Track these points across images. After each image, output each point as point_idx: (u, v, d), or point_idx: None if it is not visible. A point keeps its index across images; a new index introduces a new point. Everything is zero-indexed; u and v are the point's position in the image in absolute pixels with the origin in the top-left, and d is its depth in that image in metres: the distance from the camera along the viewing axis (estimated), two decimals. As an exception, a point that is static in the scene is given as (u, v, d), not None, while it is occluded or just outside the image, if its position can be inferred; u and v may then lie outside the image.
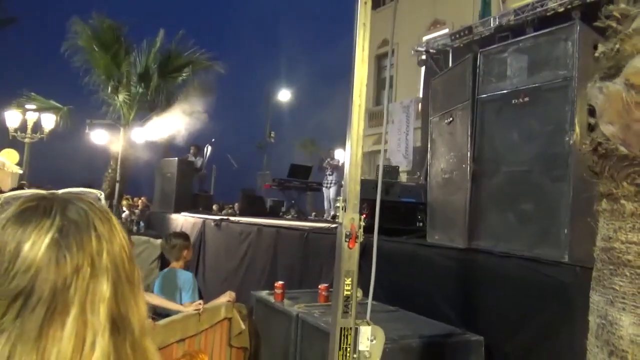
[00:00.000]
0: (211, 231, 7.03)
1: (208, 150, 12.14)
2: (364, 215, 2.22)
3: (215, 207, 12.99)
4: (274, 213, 10.54)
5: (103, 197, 0.68)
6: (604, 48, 1.40)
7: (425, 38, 12.71)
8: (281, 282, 3.60)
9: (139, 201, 14.98)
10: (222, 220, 6.94)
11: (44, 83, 17.57)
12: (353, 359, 2.13)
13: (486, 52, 3.36)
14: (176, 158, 10.41)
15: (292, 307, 3.28)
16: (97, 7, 14.71)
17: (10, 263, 0.59)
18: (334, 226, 4.59)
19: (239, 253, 6.11)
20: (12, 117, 13.24)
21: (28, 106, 13.91)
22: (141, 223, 11.03)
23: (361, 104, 2.17)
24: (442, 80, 4.21)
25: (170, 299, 3.68)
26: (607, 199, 1.34)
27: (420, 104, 12.55)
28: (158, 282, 3.91)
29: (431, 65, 9.75)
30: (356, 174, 2.17)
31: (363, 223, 2.16)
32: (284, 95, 25.68)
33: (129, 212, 12.46)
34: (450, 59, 9.34)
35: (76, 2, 19.80)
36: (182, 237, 4.23)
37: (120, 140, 12.65)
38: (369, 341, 2.15)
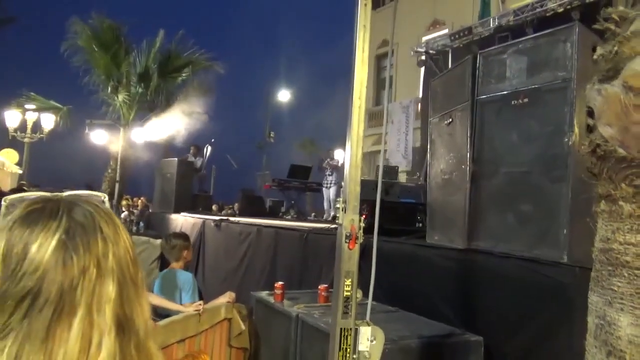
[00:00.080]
0: (211, 231, 7.03)
1: (208, 150, 12.14)
2: (364, 216, 2.22)
3: (214, 208, 13.00)
4: (274, 213, 10.55)
5: (107, 200, 0.69)
6: (603, 50, 1.40)
7: (424, 38, 12.72)
8: (281, 283, 3.60)
9: (139, 201, 14.98)
10: (222, 220, 6.94)
11: (44, 83, 17.58)
12: None
13: (486, 53, 3.37)
14: (176, 158, 10.40)
15: (292, 308, 3.28)
16: (97, 7, 14.74)
17: (17, 264, 0.60)
18: (334, 227, 4.60)
19: (239, 253, 6.11)
20: (12, 117, 13.23)
21: (28, 106, 13.90)
22: (141, 223, 11.02)
23: (361, 105, 2.18)
24: (442, 81, 4.22)
25: (169, 300, 3.69)
26: (606, 200, 1.35)
27: (419, 104, 12.55)
28: (158, 283, 3.91)
29: (430, 65, 9.75)
30: (356, 175, 2.18)
31: (363, 224, 2.16)
32: (284, 95, 25.69)
33: (128, 213, 12.46)
34: (449, 60, 9.33)
35: (76, 2, 19.83)
36: (182, 238, 4.23)
37: (119, 140, 12.65)
38: (369, 342, 2.15)
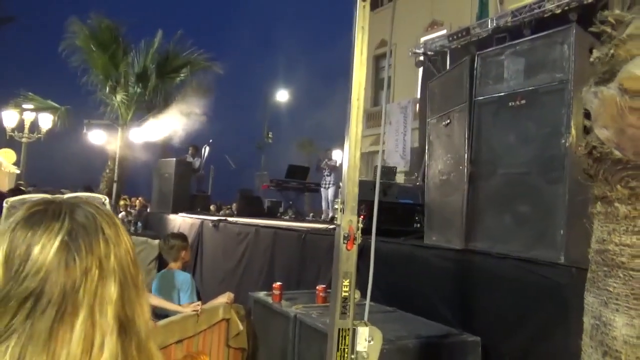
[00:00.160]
0: (209, 232, 7.03)
1: (206, 150, 12.14)
2: (362, 216, 2.23)
3: (213, 208, 12.99)
4: (272, 214, 10.55)
5: (107, 202, 0.69)
6: (599, 53, 1.42)
7: (423, 39, 12.73)
8: (279, 283, 3.60)
9: (137, 201, 14.96)
10: (220, 220, 6.94)
11: (42, 83, 17.53)
12: (351, 360, 2.14)
13: (483, 55, 3.38)
14: (174, 158, 10.38)
15: (290, 308, 3.29)
16: (96, 7, 14.72)
17: (20, 266, 0.60)
18: (332, 227, 4.60)
19: (237, 254, 6.11)
20: (10, 117, 13.20)
21: (25, 106, 13.87)
22: (139, 223, 11.00)
23: (359, 107, 2.18)
24: (440, 82, 4.23)
25: (167, 300, 3.69)
26: (602, 202, 1.36)
27: (418, 105, 12.57)
28: (155, 283, 3.91)
29: (429, 66, 9.76)
30: (354, 176, 2.19)
31: (361, 225, 2.17)
32: (282, 95, 25.68)
33: (125, 213, 12.42)
34: (447, 60, 9.35)
35: (75, 2, 19.80)
36: (180, 238, 4.23)
37: (117, 140, 12.64)
38: (367, 342, 2.16)
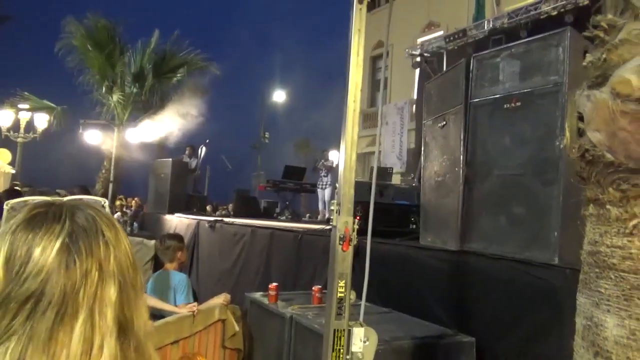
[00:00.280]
0: (205, 232, 7.02)
1: (202, 151, 12.13)
2: (358, 217, 2.24)
3: (209, 208, 12.97)
4: (268, 214, 10.55)
5: (107, 205, 0.70)
6: (592, 57, 1.43)
7: (419, 40, 12.76)
8: (275, 284, 3.61)
9: (133, 202, 14.93)
10: (216, 221, 6.94)
11: (38, 82, 17.44)
12: (346, 360, 2.16)
13: (479, 57, 3.40)
14: (170, 159, 10.37)
15: (286, 309, 3.29)
16: (93, 7, 14.68)
17: (21, 267, 0.61)
18: (328, 228, 4.61)
19: (233, 254, 6.12)
20: (5, 117, 13.14)
21: (21, 105, 13.81)
22: (135, 224, 10.99)
23: (355, 109, 2.20)
24: (436, 84, 4.25)
25: (163, 301, 3.69)
26: (594, 204, 1.38)
27: (414, 106, 12.60)
28: (150, 284, 3.91)
29: (425, 67, 9.79)
30: (350, 178, 2.20)
31: (357, 226, 2.18)
32: (279, 96, 25.70)
33: (121, 213, 12.39)
34: (444, 62, 9.37)
35: (71, 2, 19.73)
36: (177, 239, 4.24)
37: (114, 140, 12.61)
38: (362, 342, 2.17)
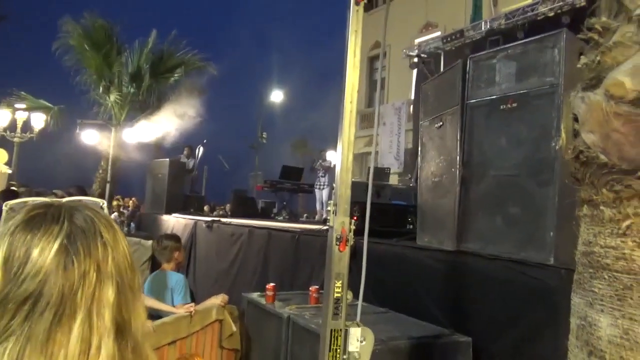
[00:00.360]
0: (202, 232, 7.02)
1: (200, 151, 12.12)
2: (354, 218, 2.25)
3: (206, 209, 12.97)
4: (266, 214, 10.55)
5: (105, 206, 0.71)
6: (586, 60, 1.45)
7: (417, 40, 12.78)
8: (272, 284, 3.62)
9: (130, 202, 14.91)
10: (214, 221, 6.94)
11: (35, 82, 17.43)
12: (343, 360, 2.16)
13: (476, 58, 3.41)
14: (167, 159, 10.35)
15: (283, 309, 3.30)
16: (90, 7, 14.66)
17: (19, 268, 0.61)
18: (325, 228, 4.62)
19: (231, 254, 6.12)
20: (2, 116, 13.09)
21: (18, 105, 13.77)
22: (132, 224, 10.97)
23: (352, 110, 2.20)
24: (433, 85, 4.26)
25: (160, 301, 3.69)
26: (588, 205, 1.39)
27: (412, 106, 12.62)
28: (147, 284, 3.91)
29: (422, 68, 9.80)
30: (347, 178, 2.21)
31: (353, 226, 2.19)
32: (277, 96, 25.70)
33: (118, 214, 12.36)
34: (442, 62, 9.39)
35: (68, 1, 19.69)
36: (174, 239, 4.24)
37: (111, 140, 12.59)
38: (359, 342, 2.18)
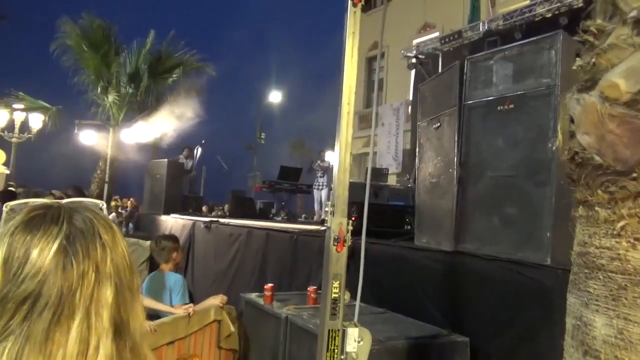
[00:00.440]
0: (201, 233, 7.02)
1: (198, 151, 12.13)
2: (352, 218, 2.26)
3: (205, 209, 12.96)
4: (264, 215, 10.56)
5: (105, 207, 0.72)
6: (582, 61, 1.46)
7: (415, 41, 12.82)
8: (270, 285, 3.62)
9: (128, 202, 14.88)
10: (212, 222, 6.94)
11: (33, 82, 17.39)
12: (340, 360, 2.17)
13: (473, 59, 3.43)
14: (166, 159, 10.34)
15: (281, 309, 3.31)
16: (88, 7, 14.66)
17: (19, 268, 0.61)
18: (323, 229, 4.62)
19: (229, 255, 6.12)
20: (0, 117, 13.10)
21: (16, 105, 13.74)
22: (130, 224, 10.95)
23: (350, 111, 2.21)
24: (430, 86, 4.27)
25: (158, 301, 3.70)
26: (583, 206, 1.40)
27: (410, 107, 12.64)
28: (145, 284, 3.92)
29: (420, 69, 9.82)
30: (345, 179, 2.22)
31: (351, 227, 2.20)
32: (275, 96, 25.68)
33: (116, 214, 12.33)
34: (440, 63, 9.40)
35: (66, 2, 19.67)
36: (172, 240, 4.25)
37: (109, 141, 12.58)
38: (356, 342, 2.19)
